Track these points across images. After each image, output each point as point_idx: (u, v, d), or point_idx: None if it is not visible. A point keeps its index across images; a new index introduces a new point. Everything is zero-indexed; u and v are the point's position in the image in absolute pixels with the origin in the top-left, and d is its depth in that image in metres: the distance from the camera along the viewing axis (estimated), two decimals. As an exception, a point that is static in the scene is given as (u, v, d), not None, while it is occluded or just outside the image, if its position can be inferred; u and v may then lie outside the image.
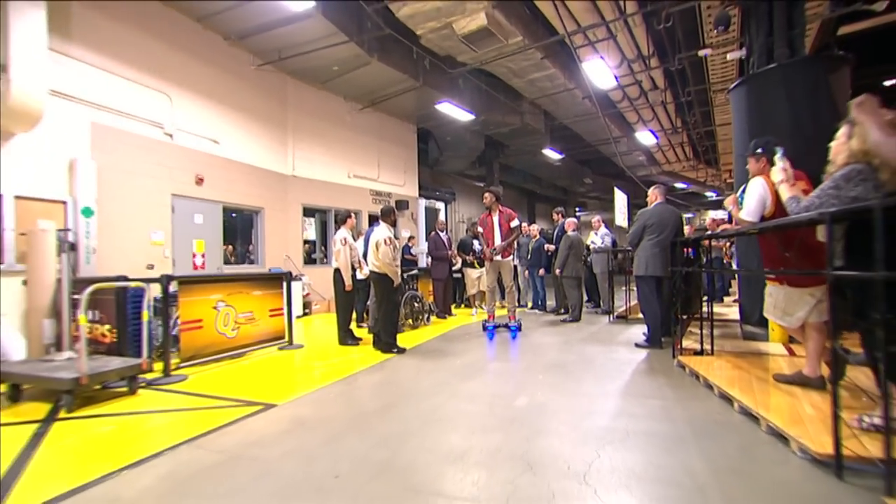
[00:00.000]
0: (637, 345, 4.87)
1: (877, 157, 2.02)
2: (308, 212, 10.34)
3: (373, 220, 10.51)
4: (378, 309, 5.28)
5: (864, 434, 2.13)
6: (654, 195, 4.85)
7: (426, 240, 9.49)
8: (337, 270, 5.56)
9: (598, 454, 2.28)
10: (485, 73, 10.47)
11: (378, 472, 2.17)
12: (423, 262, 10.01)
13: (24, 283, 4.66)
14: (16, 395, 3.46)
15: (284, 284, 5.59)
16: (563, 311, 7.62)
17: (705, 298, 4.42)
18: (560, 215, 7.95)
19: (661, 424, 2.68)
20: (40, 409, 3.28)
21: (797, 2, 5.29)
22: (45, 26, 5.10)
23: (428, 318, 7.28)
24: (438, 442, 2.53)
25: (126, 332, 4.18)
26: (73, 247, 4.25)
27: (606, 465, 2.16)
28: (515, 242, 8.92)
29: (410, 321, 6.82)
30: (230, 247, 9.17)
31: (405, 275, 6.76)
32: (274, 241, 9.20)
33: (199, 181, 7.65)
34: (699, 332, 4.27)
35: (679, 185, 23.42)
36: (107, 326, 4.29)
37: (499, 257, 6.03)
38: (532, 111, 12.74)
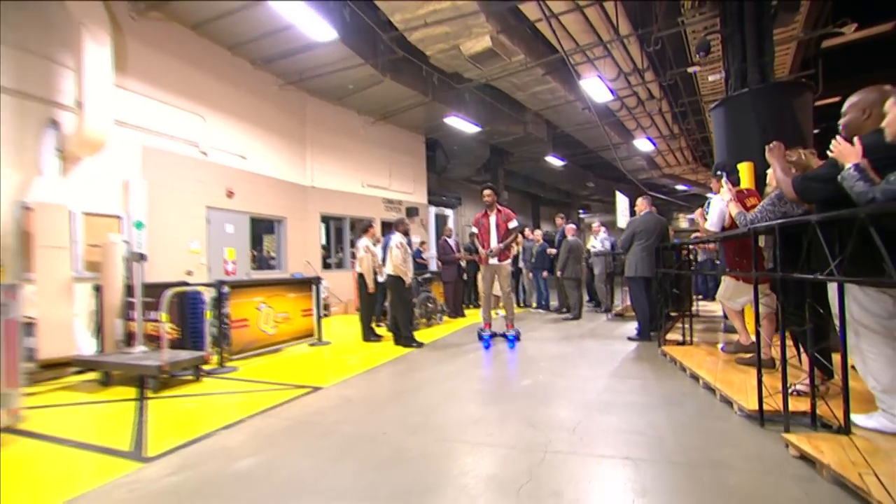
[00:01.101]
0: (629, 338, 5.52)
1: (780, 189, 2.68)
2: (321, 219, 11.06)
3: (385, 226, 11.22)
4: (393, 308, 5.99)
5: (793, 397, 2.77)
6: (642, 205, 5.51)
7: (437, 245, 10.15)
8: (360, 275, 6.25)
9: (586, 416, 2.94)
10: (489, 87, 11.15)
11: (415, 430, 2.85)
12: (434, 265, 10.68)
13: (96, 288, 5.39)
14: (107, 381, 4.18)
15: (313, 288, 6.28)
16: (564, 310, 8.26)
17: (700, 297, 5.06)
18: (562, 220, 8.59)
19: (638, 397, 3.33)
20: (129, 391, 3.98)
21: (767, 33, 5.93)
22: (110, 64, 5.85)
23: (441, 318, 7.96)
24: (459, 411, 3.20)
25: (187, 330, 4.88)
26: (142, 257, 4.95)
27: (591, 424, 2.82)
28: (518, 246, 9.62)
29: (425, 320, 7.49)
30: (252, 253, 9.89)
31: (419, 278, 7.44)
32: (295, 248, 9.92)
33: (230, 194, 8.38)
34: (683, 326, 4.91)
35: (680, 186, 23.98)
36: (170, 325, 4.99)
37: (495, 260, 5.63)
38: (535, 121, 13.41)
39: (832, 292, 2.33)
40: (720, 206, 3.65)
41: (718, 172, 3.79)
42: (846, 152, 2.01)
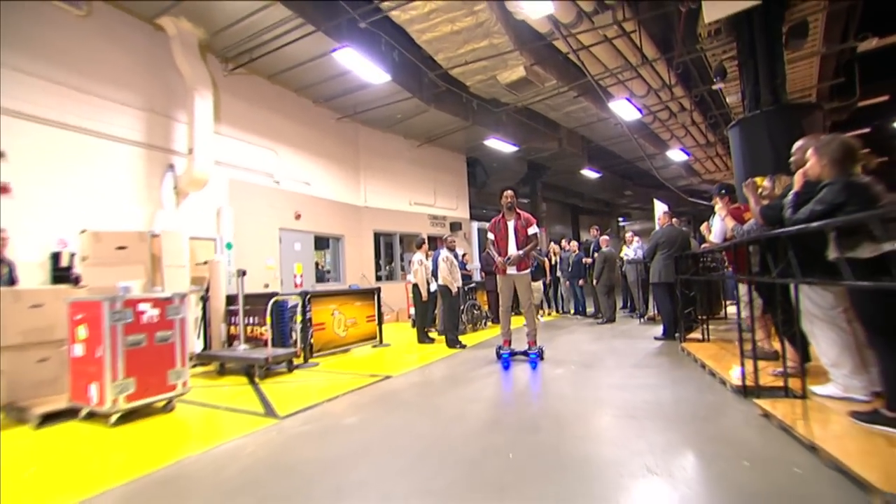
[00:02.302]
0: (655, 338, 6.15)
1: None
2: (374, 235, 12.18)
3: (430, 240, 12.21)
4: (443, 313, 6.89)
5: (776, 376, 3.42)
6: (664, 219, 6.18)
7: (480, 257, 11.01)
8: (415, 285, 7.20)
9: (606, 393, 3.71)
10: (525, 108, 11.99)
11: (475, 400, 3.70)
12: (478, 276, 11.54)
13: (202, 299, 6.61)
14: (222, 371, 5.30)
15: (375, 297, 7.29)
16: (599, 315, 8.89)
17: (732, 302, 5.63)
18: (597, 231, 9.25)
19: (651, 380, 4.05)
20: (240, 379, 5.05)
21: (778, 58, 6.48)
22: (211, 115, 7.17)
23: (485, 323, 8.80)
24: (501, 388, 4.03)
25: (277, 331, 5.97)
26: (243, 273, 6.11)
27: (610, 398, 3.58)
28: (556, 257, 10.32)
29: (471, 325, 8.35)
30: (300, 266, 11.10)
31: (466, 287, 8.33)
32: (352, 262, 11.07)
33: (297, 216, 9.62)
34: (707, 326, 5.51)
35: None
36: (264, 328, 6.10)
37: (513, 270, 5.14)
38: (569, 136, 14.11)
39: (798, 292, 3.02)
40: (720, 223, 4.32)
41: (723, 192, 4.47)
42: (776, 188, 2.73)
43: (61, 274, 5.62)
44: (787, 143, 6.07)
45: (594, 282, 8.43)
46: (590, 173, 16.10)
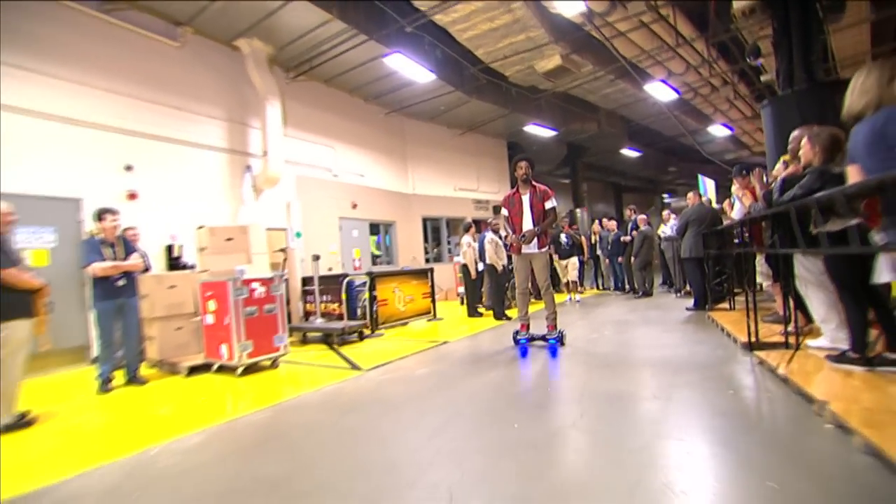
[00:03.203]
0: (687, 308, 6.67)
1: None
2: (422, 220, 13.04)
3: (475, 223, 12.93)
4: (490, 290, 7.68)
5: (782, 336, 3.97)
6: (693, 198, 6.63)
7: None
8: (464, 265, 8.00)
9: (630, 352, 4.38)
10: (563, 93, 12.35)
11: (518, 357, 4.49)
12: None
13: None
14: (305, 340, 6.36)
15: (429, 276, 8.17)
16: (638, 290, 9.38)
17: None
18: (632, 212, 9.67)
19: (673, 341, 4.67)
20: (320, 347, 6.06)
21: (813, 35, 6.64)
22: (280, 119, 8.19)
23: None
24: (544, 348, 4.78)
25: (348, 307, 6.96)
26: (317, 258, 7.13)
27: (635, 353, 4.26)
28: (595, 236, 10.79)
29: (515, 300, 9.08)
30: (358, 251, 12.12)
31: (510, 266, 9.04)
32: (403, 246, 12.01)
33: (354, 206, 10.60)
34: (733, 297, 5.99)
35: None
36: (336, 304, 7.12)
37: (530, 248, 4.75)
38: (608, 117, 14.30)
39: (794, 260, 3.57)
40: (739, 202, 4.81)
41: (743, 172, 4.93)
42: (777, 173, 3.28)
43: (174, 262, 6.82)
44: (819, 120, 6.39)
45: (633, 259, 8.91)
46: (630, 152, 16.19)
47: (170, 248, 6.84)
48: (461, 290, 9.37)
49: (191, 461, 2.56)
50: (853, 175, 2.36)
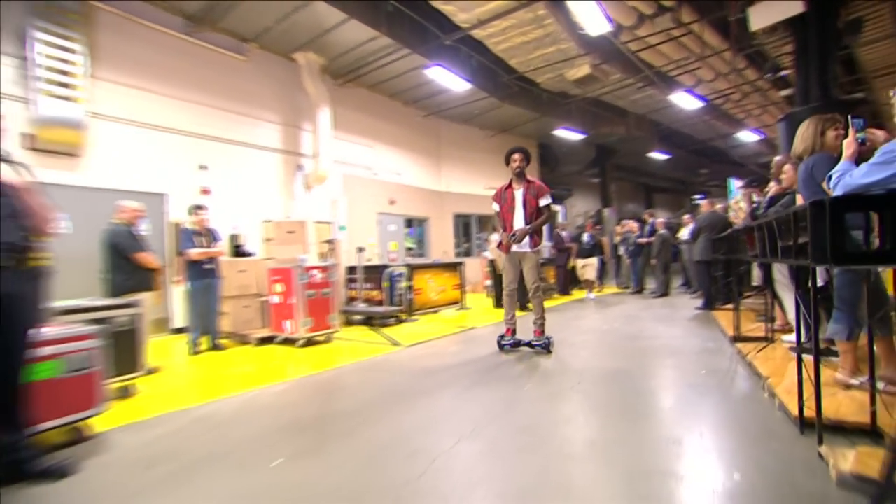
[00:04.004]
0: (696, 308, 7.22)
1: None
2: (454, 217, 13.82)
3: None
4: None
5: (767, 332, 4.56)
6: (706, 206, 7.15)
7: (550, 237, 12.27)
8: (492, 261, 8.75)
9: (635, 341, 5.06)
10: (592, 98, 12.83)
11: (552, 334, 5.23)
12: (547, 253, 12.85)
13: (329, 269, 8.66)
14: (348, 322, 7.27)
15: (460, 269, 8.96)
16: (654, 290, 9.90)
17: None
18: (650, 216, 10.17)
19: (674, 333, 5.31)
20: (362, 328, 6.94)
21: (830, 54, 7.00)
22: (330, 123, 9.11)
23: (551, 294, 10.18)
24: (571, 334, 5.50)
25: (387, 294, 7.83)
26: (362, 249, 8.03)
27: (637, 342, 4.94)
28: (618, 237, 11.31)
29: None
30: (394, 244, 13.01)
31: (534, 263, 9.74)
32: (436, 240, 12.84)
33: (392, 202, 11.48)
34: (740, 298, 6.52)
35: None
36: (376, 291, 8.01)
37: (521, 247, 4.47)
38: (637, 121, 14.65)
39: (773, 267, 4.17)
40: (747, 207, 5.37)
41: (753, 183, 5.49)
42: (770, 191, 3.89)
43: (237, 250, 7.84)
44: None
45: (652, 260, 9.44)
46: (659, 155, 16.46)
47: (233, 237, 7.87)
48: (488, 282, 10.12)
49: (282, 400, 3.45)
50: (799, 202, 2.99)
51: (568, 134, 13.04)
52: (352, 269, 8.30)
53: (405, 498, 1.90)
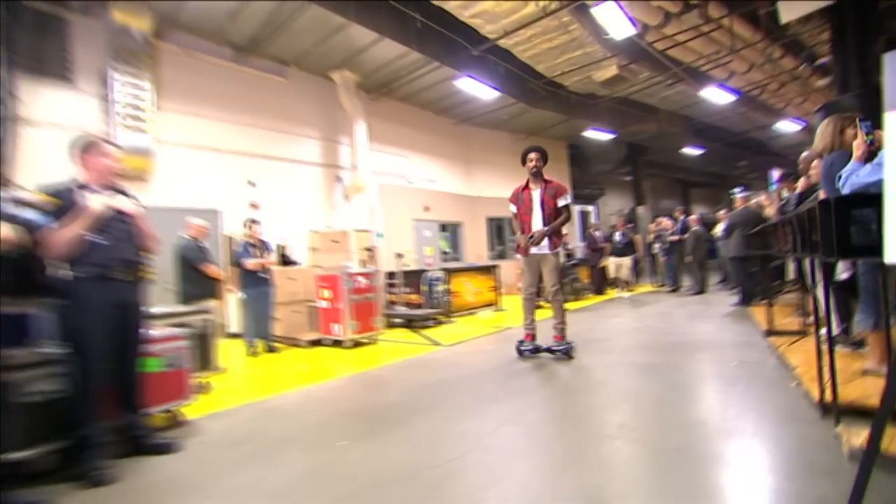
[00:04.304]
0: (733, 304, 7.21)
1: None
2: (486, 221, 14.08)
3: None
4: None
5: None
6: (739, 202, 7.14)
7: (582, 238, 12.39)
8: (524, 262, 8.97)
9: (673, 332, 5.19)
10: (621, 97, 12.83)
11: (585, 331, 5.44)
12: (581, 253, 12.93)
13: (369, 275, 9.10)
14: (390, 324, 7.66)
15: (495, 272, 9.23)
16: (691, 287, 9.84)
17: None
18: (681, 213, 10.13)
19: (708, 328, 5.40)
20: (403, 330, 7.31)
21: (869, 41, 6.87)
22: (366, 136, 9.60)
23: (585, 294, 10.29)
24: (606, 329, 5.69)
25: (425, 297, 8.18)
26: (400, 255, 8.43)
27: (669, 337, 5.07)
28: (651, 235, 11.26)
29: (573, 295, 9.91)
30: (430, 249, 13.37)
31: (568, 263, 9.87)
32: (470, 244, 13.14)
33: (426, 209, 11.87)
34: (777, 293, 6.51)
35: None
36: (415, 295, 8.38)
37: (540, 249, 4.36)
38: (669, 117, 14.49)
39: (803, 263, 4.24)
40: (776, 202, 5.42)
41: (790, 177, 5.50)
42: (800, 187, 3.99)
43: (283, 259, 8.39)
44: (875, 126, 6.66)
45: (686, 258, 9.41)
46: (692, 151, 16.18)
47: (280, 248, 8.42)
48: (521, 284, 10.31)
49: (337, 394, 3.84)
50: (822, 198, 3.12)
51: (598, 134, 13.08)
52: (391, 275, 8.70)
53: (456, 469, 2.21)
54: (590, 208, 17.47)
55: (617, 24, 7.18)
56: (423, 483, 2.11)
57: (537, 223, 4.39)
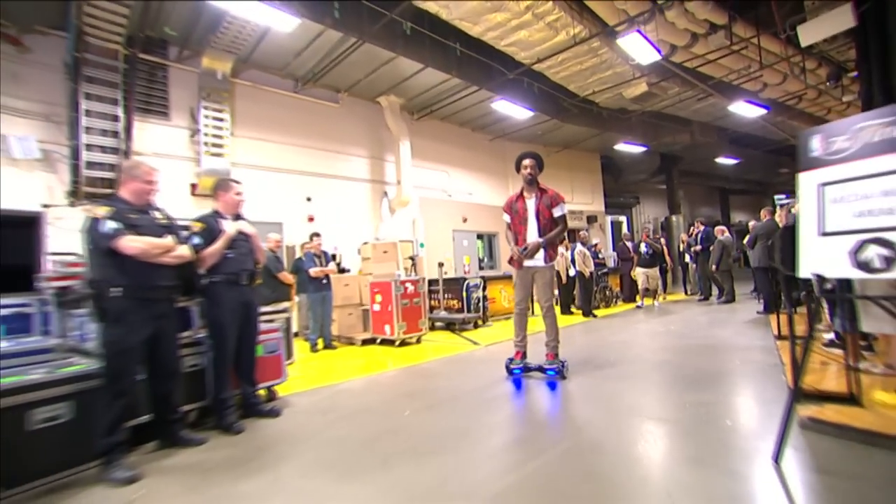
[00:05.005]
0: (758, 312, 7.54)
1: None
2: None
3: (569, 233, 14.26)
4: (580, 293, 9.14)
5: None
6: (764, 214, 7.50)
7: (614, 248, 12.79)
8: (557, 272, 9.55)
9: (692, 337, 5.70)
10: (653, 110, 13.20)
11: (612, 335, 6.03)
12: (612, 263, 13.33)
13: (412, 282, 9.92)
14: (432, 327, 8.42)
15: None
16: (720, 297, 10.10)
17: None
18: (702, 223, 10.42)
19: (727, 334, 5.85)
20: (445, 332, 8.05)
21: (893, 58, 7.10)
22: (409, 154, 10.48)
23: (616, 301, 10.73)
24: (632, 333, 6.24)
25: (464, 303, 8.91)
26: (441, 264, 9.21)
27: (686, 339, 5.57)
28: (683, 244, 11.54)
29: (604, 303, 10.39)
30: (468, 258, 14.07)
31: (599, 272, 10.38)
32: (505, 253, 13.77)
33: (464, 220, 12.63)
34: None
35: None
36: (455, 300, 9.12)
37: (535, 261, 4.18)
38: (702, 129, 14.69)
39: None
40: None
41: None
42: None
43: (337, 268, 9.32)
44: None
45: (713, 267, 9.72)
46: (727, 160, 16.23)
47: (333, 256, 9.37)
48: (555, 292, 10.87)
49: (394, 380, 4.61)
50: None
51: (630, 147, 13.49)
52: (432, 282, 9.48)
53: (501, 427, 2.93)
54: (622, 218, 17.73)
55: (642, 52, 7.72)
56: (472, 437, 2.83)
57: (532, 234, 4.20)
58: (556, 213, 4.22)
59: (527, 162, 4.36)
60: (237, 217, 3.45)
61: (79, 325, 3.14)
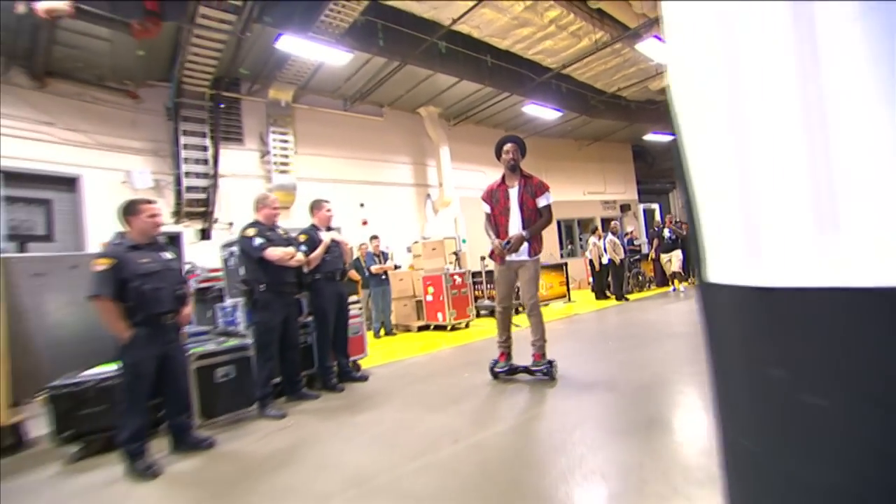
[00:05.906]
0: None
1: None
2: (557, 222, 15.32)
3: (603, 222, 14.80)
4: (613, 279, 9.81)
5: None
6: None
7: (647, 235, 13.26)
8: (591, 260, 10.25)
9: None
10: (683, 99, 13.50)
11: (633, 315, 6.77)
12: (646, 250, 13.80)
13: (457, 275, 10.88)
14: (477, 314, 9.35)
15: (564, 269, 10.61)
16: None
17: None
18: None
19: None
20: (488, 318, 8.94)
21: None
22: (449, 158, 11.42)
23: (650, 286, 11.29)
24: (652, 316, 6.95)
25: (505, 292, 9.77)
26: (483, 258, 10.12)
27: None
28: (678, 229, 11.85)
29: (637, 288, 10.99)
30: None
31: (631, 259, 10.97)
32: (544, 244, 14.49)
33: (501, 215, 13.43)
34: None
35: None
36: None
37: (518, 255, 3.88)
38: (736, 111, 14.80)
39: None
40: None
41: None
42: None
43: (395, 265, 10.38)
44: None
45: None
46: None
47: (385, 255, 10.45)
48: (591, 279, 11.55)
49: (451, 356, 5.59)
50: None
51: (660, 137, 13.87)
52: (475, 274, 10.39)
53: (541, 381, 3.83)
54: (654, 206, 17.98)
55: (661, 54, 8.29)
56: (523, 389, 3.74)
57: (515, 226, 3.85)
58: (542, 202, 3.86)
59: (508, 147, 3.91)
60: (328, 228, 4.49)
61: (224, 314, 4.27)
